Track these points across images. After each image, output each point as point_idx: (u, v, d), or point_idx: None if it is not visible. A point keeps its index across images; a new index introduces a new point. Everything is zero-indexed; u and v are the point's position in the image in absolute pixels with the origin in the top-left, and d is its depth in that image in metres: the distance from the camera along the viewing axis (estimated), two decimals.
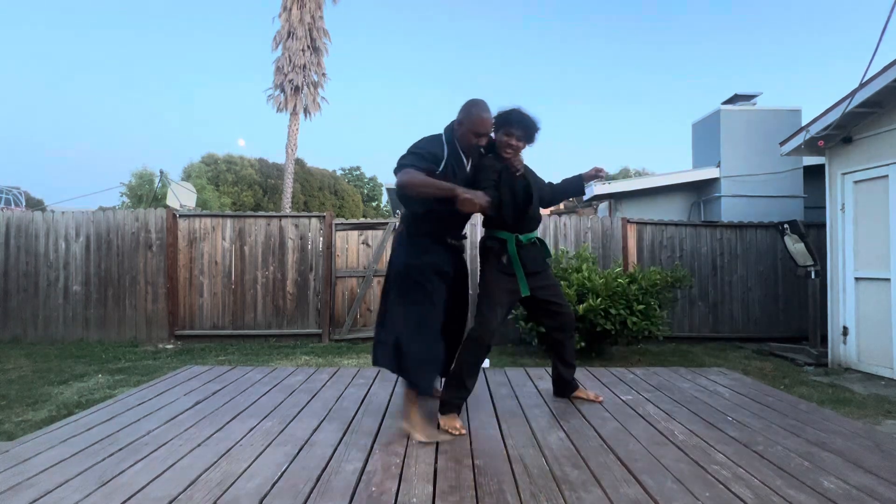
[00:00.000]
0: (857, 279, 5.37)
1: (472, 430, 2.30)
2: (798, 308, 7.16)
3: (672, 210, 8.75)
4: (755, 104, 8.72)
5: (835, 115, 5.23)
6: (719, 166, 8.22)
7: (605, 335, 5.48)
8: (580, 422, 2.43)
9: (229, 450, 2.06)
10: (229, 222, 7.01)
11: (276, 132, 64.86)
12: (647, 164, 55.24)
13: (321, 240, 7.04)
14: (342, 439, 2.18)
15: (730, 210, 8.10)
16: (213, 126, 66.93)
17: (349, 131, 73.58)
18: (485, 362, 2.65)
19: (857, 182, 5.40)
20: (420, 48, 78.14)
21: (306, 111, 17.27)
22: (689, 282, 6.24)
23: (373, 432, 2.27)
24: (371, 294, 6.98)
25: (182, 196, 9.20)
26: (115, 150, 58.12)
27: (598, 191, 8.51)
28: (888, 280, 5.00)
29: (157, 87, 65.03)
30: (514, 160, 2.42)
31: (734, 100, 8.84)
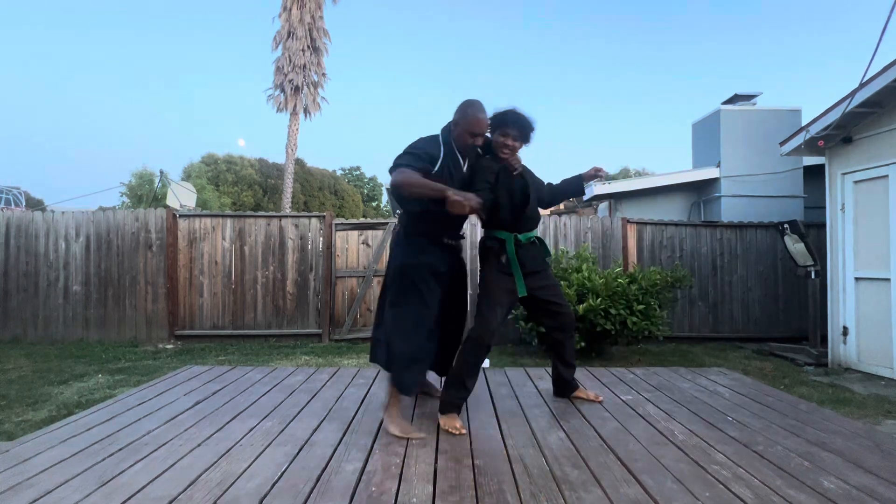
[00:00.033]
0: (857, 279, 5.37)
1: (472, 430, 2.30)
2: (798, 308, 7.16)
3: (672, 210, 8.75)
4: (755, 104, 8.72)
5: (835, 115, 5.24)
6: (719, 166, 8.22)
7: (605, 335, 5.48)
8: (580, 422, 2.43)
9: (229, 450, 2.06)
10: (229, 222, 7.02)
11: (276, 132, 64.94)
12: (647, 164, 55.28)
13: (321, 240, 7.04)
14: (342, 439, 2.18)
15: (730, 210, 8.11)
16: (213, 126, 67.00)
17: (349, 131, 73.65)
18: (485, 362, 2.65)
19: (857, 182, 5.40)
20: (420, 48, 78.22)
21: (306, 111, 17.29)
22: (689, 282, 6.24)
23: (373, 432, 2.27)
24: (371, 294, 6.98)
25: (182, 196, 9.20)
26: (115, 150, 58.21)
27: (598, 191, 8.51)
28: (888, 280, 5.00)
29: (157, 87, 65.14)
30: (511, 160, 2.45)
31: (734, 100, 8.84)
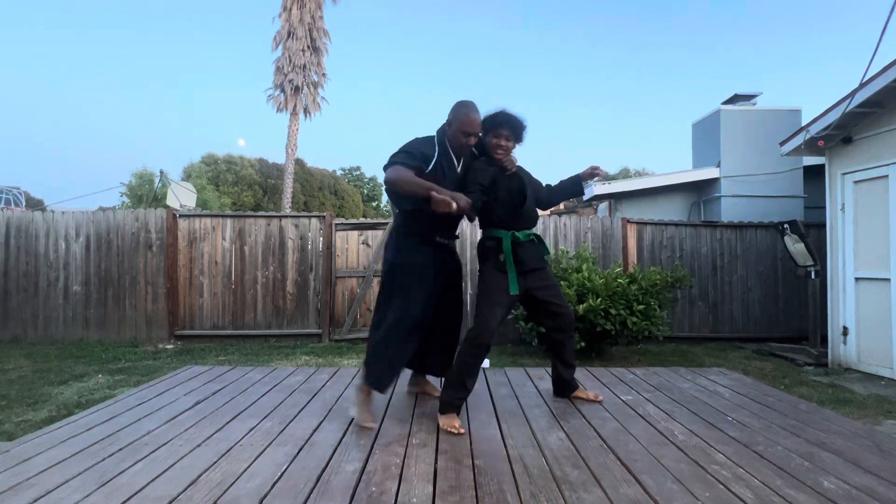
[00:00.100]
0: (857, 279, 5.37)
1: (472, 430, 2.30)
2: (798, 308, 7.16)
3: (672, 210, 8.76)
4: (755, 104, 8.72)
5: (835, 115, 5.24)
6: (719, 166, 8.22)
7: (605, 335, 5.48)
8: (580, 422, 2.43)
9: (229, 450, 2.06)
10: (229, 222, 7.02)
11: (276, 132, 64.92)
12: (647, 164, 55.27)
13: (321, 240, 7.04)
14: (342, 439, 2.18)
15: (730, 210, 8.11)
16: (213, 126, 66.87)
17: (349, 131, 73.50)
18: (485, 362, 2.65)
19: (857, 182, 5.40)
20: (420, 48, 78.07)
21: (306, 111, 17.29)
22: (689, 282, 6.23)
23: (373, 432, 2.27)
24: (371, 294, 6.98)
25: (182, 196, 9.21)
26: (115, 150, 58.13)
27: (598, 191, 8.51)
28: (888, 280, 5.00)
29: (157, 87, 65.03)
30: (505, 160, 2.50)
31: (734, 100, 8.84)
